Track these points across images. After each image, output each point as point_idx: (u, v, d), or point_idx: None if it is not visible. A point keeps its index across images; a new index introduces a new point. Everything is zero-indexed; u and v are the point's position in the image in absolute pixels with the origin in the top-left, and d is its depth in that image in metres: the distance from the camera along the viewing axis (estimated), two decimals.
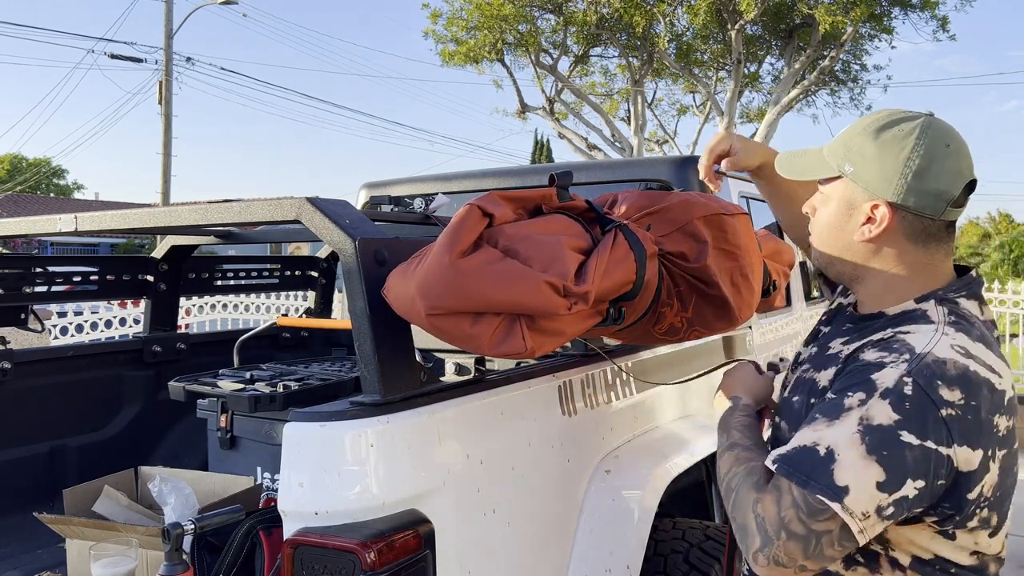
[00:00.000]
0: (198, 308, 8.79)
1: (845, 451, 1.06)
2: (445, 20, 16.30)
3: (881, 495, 1.05)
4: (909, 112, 1.22)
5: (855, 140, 1.21)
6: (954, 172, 1.17)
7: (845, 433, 1.07)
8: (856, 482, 1.05)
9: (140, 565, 1.72)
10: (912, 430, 1.05)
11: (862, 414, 1.07)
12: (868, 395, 1.08)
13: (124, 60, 20.23)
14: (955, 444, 1.05)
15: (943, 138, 1.18)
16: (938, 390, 1.06)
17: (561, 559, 1.69)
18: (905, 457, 1.05)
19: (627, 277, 1.43)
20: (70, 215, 1.94)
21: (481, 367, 1.58)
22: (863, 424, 1.07)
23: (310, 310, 3.58)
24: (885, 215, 1.18)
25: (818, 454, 1.08)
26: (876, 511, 1.05)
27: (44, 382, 2.62)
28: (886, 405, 1.06)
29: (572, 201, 1.50)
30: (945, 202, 1.17)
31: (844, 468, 1.06)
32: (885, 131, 1.19)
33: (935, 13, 14.87)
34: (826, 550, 1.07)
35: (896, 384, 1.07)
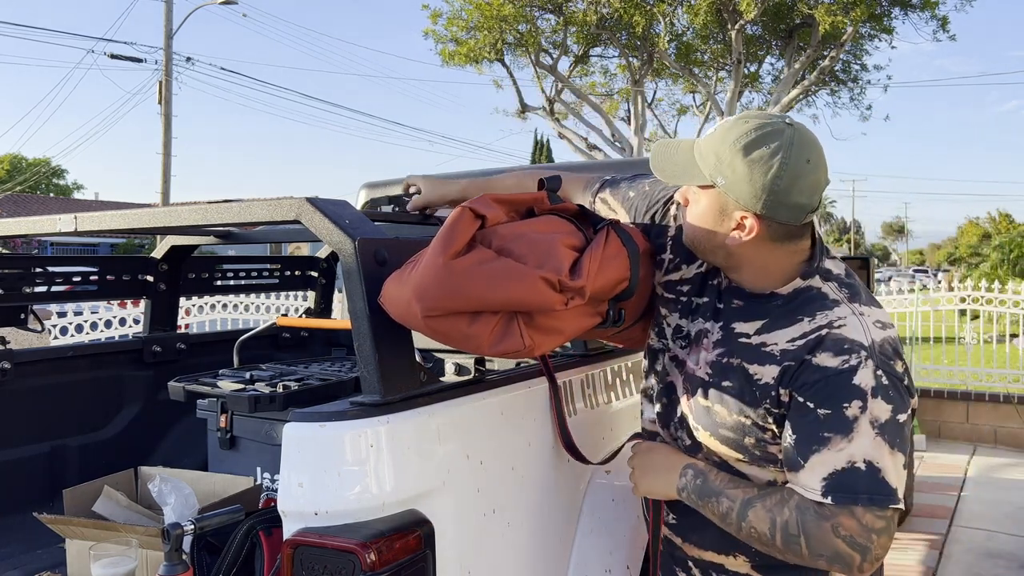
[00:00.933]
0: (198, 308, 8.79)
1: (879, 458, 1.24)
2: (445, 20, 16.31)
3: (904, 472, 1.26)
4: (773, 122, 1.31)
5: (725, 154, 1.31)
6: (814, 185, 1.31)
7: (869, 443, 1.24)
8: (898, 476, 1.25)
9: (140, 565, 1.72)
10: (902, 409, 1.27)
11: (870, 419, 1.25)
12: (864, 400, 1.25)
13: (124, 60, 20.24)
14: (912, 396, 1.30)
15: (804, 154, 1.29)
16: (895, 368, 1.28)
17: (561, 559, 1.69)
18: (905, 431, 1.27)
19: (621, 274, 1.43)
20: (70, 215, 1.94)
21: (481, 367, 1.58)
22: (876, 427, 1.24)
23: (310, 310, 3.58)
24: (754, 226, 1.32)
25: (861, 471, 1.24)
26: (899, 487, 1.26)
27: (44, 382, 2.62)
28: (879, 402, 1.25)
29: (563, 203, 1.50)
30: (806, 212, 1.31)
31: (890, 472, 1.24)
32: (753, 149, 1.29)
33: (935, 13, 14.87)
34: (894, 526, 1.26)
35: (876, 381, 1.26)
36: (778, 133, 1.29)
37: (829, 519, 1.24)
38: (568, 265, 1.32)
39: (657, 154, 1.42)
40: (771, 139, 1.29)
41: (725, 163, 1.32)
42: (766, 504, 1.32)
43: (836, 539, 1.24)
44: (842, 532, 1.23)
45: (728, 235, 1.34)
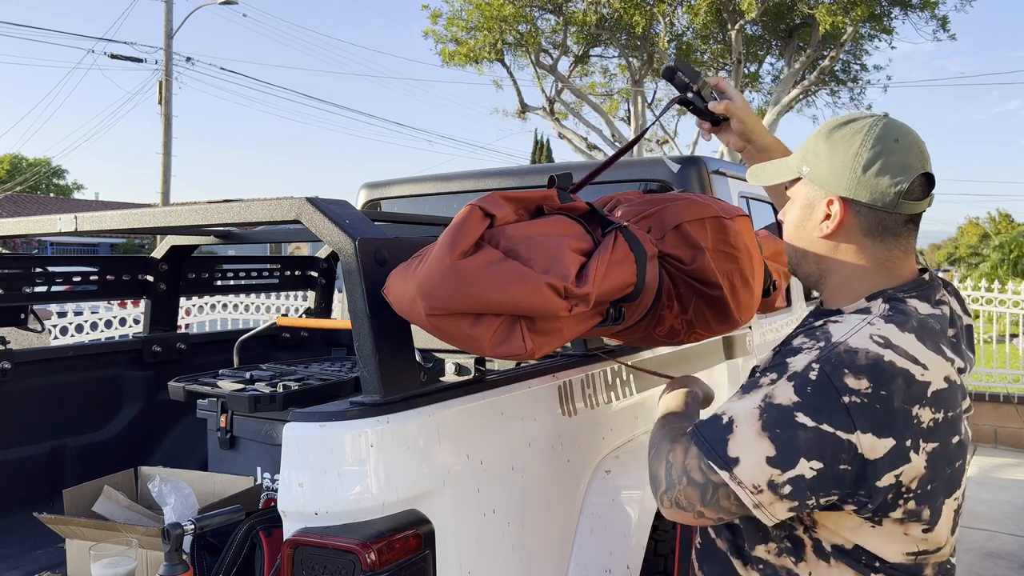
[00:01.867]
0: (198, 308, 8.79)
1: (743, 425, 1.13)
2: (445, 20, 16.30)
3: (773, 470, 1.10)
4: (865, 114, 1.27)
5: (811, 142, 1.27)
6: (902, 165, 1.20)
7: (748, 408, 1.14)
8: (746, 455, 1.11)
9: (140, 565, 1.72)
10: (808, 413, 1.09)
11: (767, 392, 1.13)
12: (778, 376, 1.14)
13: (124, 60, 20.22)
14: (857, 431, 1.08)
15: (892, 134, 1.21)
16: (843, 378, 1.09)
17: (561, 559, 1.69)
18: (798, 437, 1.09)
19: (628, 279, 1.43)
20: (70, 215, 1.94)
21: (481, 367, 1.58)
22: (765, 401, 1.13)
23: (310, 310, 3.58)
24: (839, 210, 1.22)
25: (721, 422, 1.16)
26: (769, 486, 1.10)
27: (44, 382, 2.62)
28: (789, 387, 1.12)
29: (573, 202, 1.50)
30: (897, 194, 1.19)
31: (738, 441, 1.12)
32: (837, 131, 1.24)
33: (935, 13, 14.86)
34: (722, 501, 1.15)
35: (804, 369, 1.12)
36: (867, 118, 1.24)
37: (672, 444, 1.23)
38: (574, 271, 1.31)
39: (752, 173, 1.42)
40: (858, 120, 1.24)
41: (810, 151, 1.27)
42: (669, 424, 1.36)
43: (663, 461, 1.23)
44: (669, 458, 1.22)
45: (816, 227, 1.26)
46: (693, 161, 2.74)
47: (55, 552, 2.16)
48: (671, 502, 1.20)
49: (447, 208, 3.19)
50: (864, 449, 1.08)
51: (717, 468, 1.13)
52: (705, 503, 1.16)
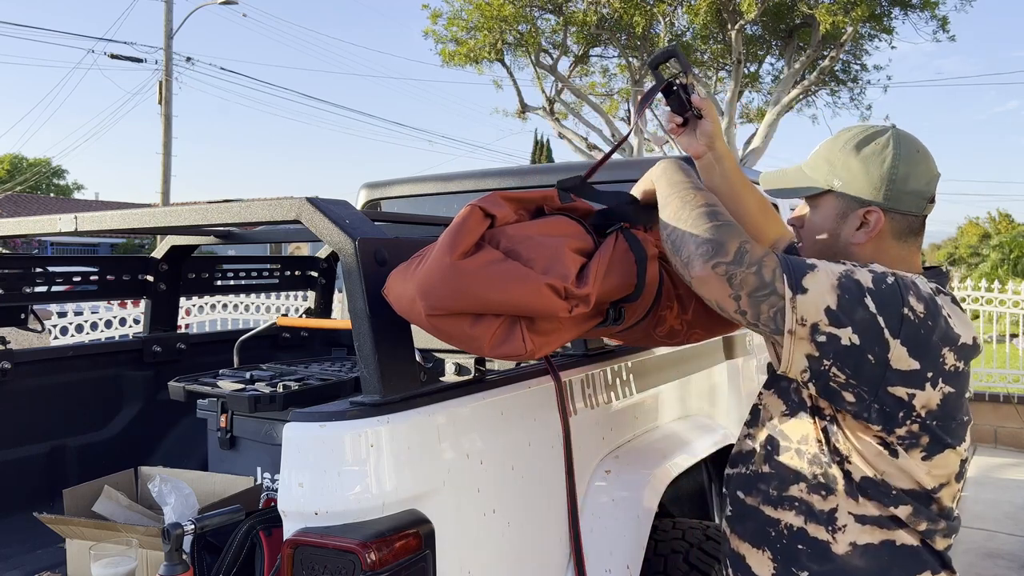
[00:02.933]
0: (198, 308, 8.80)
1: (823, 273, 1.27)
2: (445, 20, 16.30)
3: (824, 317, 1.24)
4: (875, 126, 1.41)
5: (837, 157, 1.40)
6: (929, 173, 1.37)
7: (832, 267, 1.28)
8: (813, 293, 1.25)
9: (140, 565, 1.72)
10: (874, 300, 1.24)
11: (848, 268, 1.28)
12: (860, 266, 1.30)
13: (124, 60, 20.22)
14: (899, 338, 1.24)
15: (912, 145, 1.38)
16: (909, 295, 1.26)
17: (561, 559, 1.69)
18: (857, 310, 1.24)
19: (628, 280, 1.43)
20: (70, 215, 1.94)
21: (481, 367, 1.58)
22: (847, 272, 1.27)
23: (310, 310, 3.58)
24: (879, 219, 1.36)
25: (806, 262, 1.29)
26: (812, 328, 1.25)
27: (44, 382, 2.62)
28: (869, 276, 1.27)
29: (573, 203, 1.50)
30: (926, 200, 1.37)
31: (814, 280, 1.26)
32: (864, 146, 1.38)
33: (935, 13, 14.86)
34: (763, 305, 1.27)
35: (882, 273, 1.28)
36: (883, 130, 1.38)
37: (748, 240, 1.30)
38: (575, 271, 1.31)
39: (767, 181, 1.51)
40: (878, 135, 1.38)
41: (839, 165, 1.38)
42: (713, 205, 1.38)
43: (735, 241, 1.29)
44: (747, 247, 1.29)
45: (852, 235, 1.38)
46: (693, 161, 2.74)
47: (55, 552, 2.16)
48: (723, 274, 1.28)
49: (447, 208, 3.19)
50: (893, 356, 1.24)
51: (787, 284, 1.26)
52: (752, 296, 1.27)
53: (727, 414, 2.60)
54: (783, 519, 1.43)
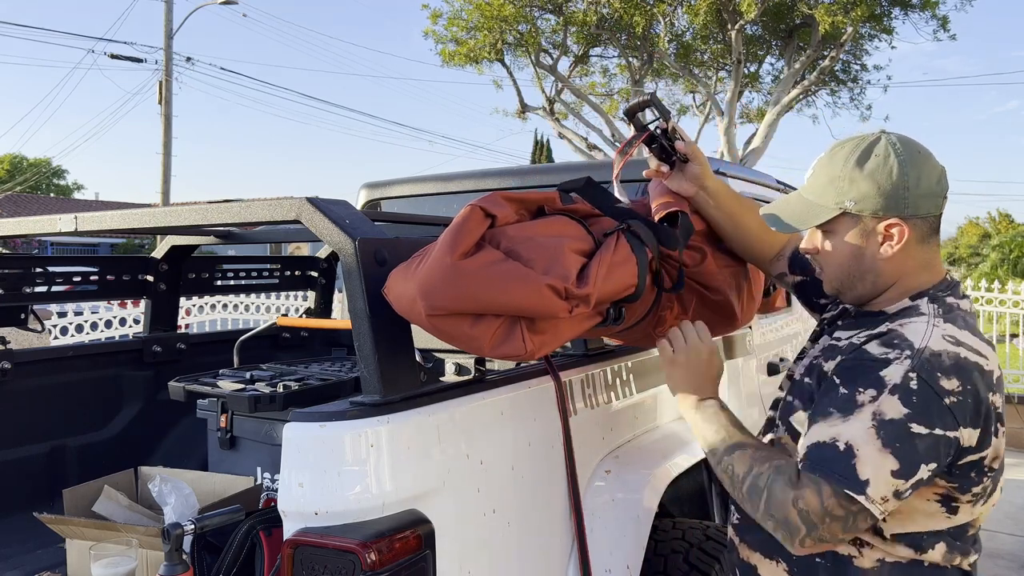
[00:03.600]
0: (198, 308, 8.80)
1: (864, 447, 1.19)
2: (445, 20, 16.29)
3: (898, 481, 1.18)
4: (865, 137, 1.36)
5: (841, 177, 1.34)
6: (936, 170, 1.34)
7: (861, 428, 1.20)
8: (875, 474, 1.18)
9: (140, 565, 1.72)
10: (921, 422, 1.18)
11: (875, 410, 1.20)
12: (879, 392, 1.21)
13: (124, 60, 20.22)
14: (960, 427, 1.19)
15: (911, 146, 1.34)
16: (939, 382, 1.19)
17: (561, 559, 1.69)
18: (916, 446, 1.18)
19: (628, 281, 1.43)
20: (70, 215, 1.94)
21: (481, 367, 1.58)
22: (876, 419, 1.19)
23: (310, 310, 3.58)
24: (903, 229, 1.32)
25: (839, 450, 1.21)
26: (894, 495, 1.19)
27: (44, 382, 2.61)
28: (896, 401, 1.19)
29: (574, 203, 1.50)
30: (941, 197, 1.34)
31: (864, 463, 1.18)
32: (865, 161, 1.33)
33: (935, 13, 14.85)
34: (860, 524, 1.22)
35: (903, 380, 1.20)
36: (876, 139, 1.34)
37: (796, 488, 1.23)
38: (575, 272, 1.31)
39: (769, 217, 1.43)
40: (874, 145, 1.33)
41: (846, 185, 1.33)
42: (754, 454, 1.35)
43: (792, 508, 1.23)
44: (800, 505, 1.22)
45: (879, 251, 1.34)
46: None
47: (55, 552, 2.16)
48: (815, 541, 1.23)
49: (447, 208, 3.19)
50: (964, 440, 1.20)
51: (856, 495, 1.18)
52: (846, 530, 1.22)
53: None
54: None
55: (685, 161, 1.62)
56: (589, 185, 1.50)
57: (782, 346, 3.19)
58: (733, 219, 1.67)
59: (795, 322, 3.45)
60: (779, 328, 3.23)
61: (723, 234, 1.70)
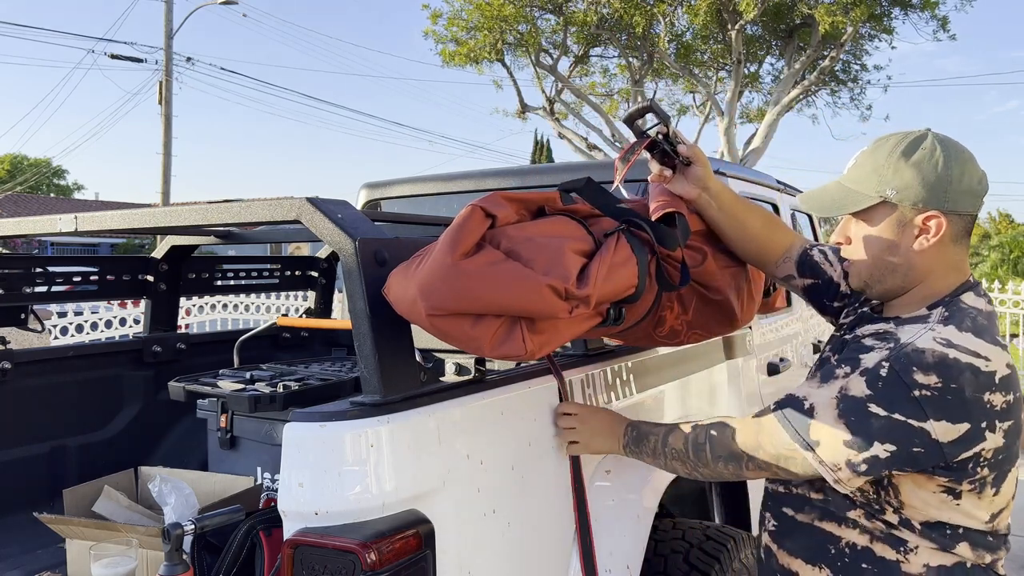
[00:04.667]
0: (198, 308, 8.80)
1: (823, 411, 1.31)
2: (445, 20, 16.30)
3: (850, 451, 1.28)
4: (912, 132, 1.37)
5: (885, 166, 1.35)
6: (978, 171, 1.35)
7: (826, 397, 1.32)
8: (827, 440, 1.30)
9: (140, 565, 1.72)
10: (881, 405, 1.26)
11: (842, 384, 1.31)
12: (852, 370, 1.31)
13: (124, 60, 20.23)
14: (929, 419, 1.24)
15: (956, 145, 1.35)
16: (912, 375, 1.25)
17: (561, 559, 1.69)
18: (871, 424, 1.26)
19: (629, 281, 1.43)
20: (70, 215, 1.94)
21: (481, 367, 1.58)
22: (841, 392, 1.30)
23: (310, 310, 3.58)
24: (941, 223, 1.33)
25: (803, 406, 1.34)
26: (847, 464, 1.29)
27: (44, 382, 2.61)
28: (862, 381, 1.28)
29: (575, 204, 1.49)
30: (980, 197, 1.35)
31: (818, 427, 1.31)
32: (912, 152, 1.34)
33: (935, 13, 14.86)
34: (794, 468, 1.36)
35: (875, 366, 1.28)
36: (923, 135, 1.35)
37: (732, 426, 1.42)
38: (575, 272, 1.31)
39: (805, 200, 1.46)
40: (921, 140, 1.34)
41: (889, 174, 1.34)
42: (682, 427, 1.52)
43: (733, 442, 1.41)
44: (738, 438, 1.40)
45: (913, 244, 1.35)
46: None
47: (55, 552, 2.16)
48: (755, 468, 1.40)
49: (447, 208, 3.19)
50: (938, 434, 1.24)
51: (802, 449, 1.32)
52: (780, 467, 1.37)
53: (727, 414, 2.60)
54: (845, 537, 1.41)
55: (687, 164, 1.62)
56: (589, 185, 1.50)
57: (782, 346, 3.19)
58: (736, 220, 1.66)
59: (795, 322, 3.45)
60: (779, 328, 3.23)
61: (726, 236, 1.69)
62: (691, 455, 1.48)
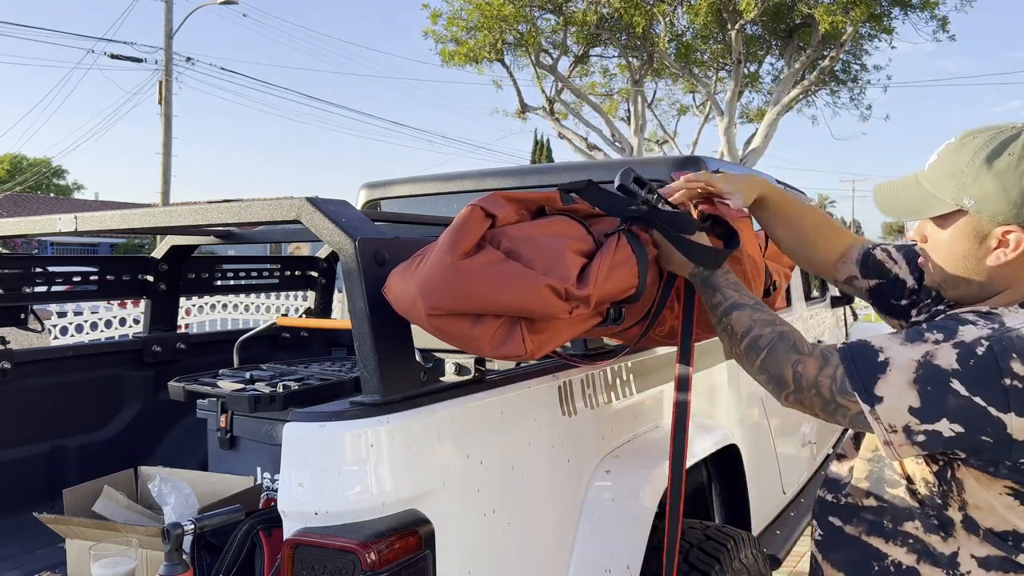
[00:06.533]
0: (198, 308, 8.80)
1: (897, 371, 1.18)
2: (445, 20, 16.31)
3: (911, 418, 1.16)
4: (1004, 129, 1.25)
5: (965, 172, 1.24)
6: None
7: (907, 357, 1.18)
8: (892, 399, 1.18)
9: (140, 565, 1.72)
10: (964, 383, 1.14)
11: (929, 349, 1.18)
12: (944, 339, 1.18)
13: (124, 60, 20.24)
14: (1012, 412, 1.12)
15: None
16: (1009, 361, 1.13)
17: (561, 559, 1.69)
18: (946, 399, 1.15)
19: (629, 281, 1.42)
20: (70, 215, 1.94)
21: (481, 367, 1.58)
22: (924, 358, 1.17)
23: (310, 310, 3.58)
24: (1021, 239, 1.22)
25: (876, 358, 1.21)
26: (904, 430, 1.18)
27: (44, 382, 2.61)
28: (953, 354, 1.16)
29: (575, 204, 1.49)
30: None
31: (887, 384, 1.18)
32: (996, 158, 1.22)
33: (935, 13, 14.88)
34: (838, 417, 1.24)
35: (972, 342, 1.16)
36: (1013, 137, 1.24)
37: (799, 353, 1.27)
38: (575, 272, 1.31)
39: (880, 197, 1.37)
40: (1011, 142, 1.23)
41: (969, 182, 1.24)
42: (754, 316, 1.37)
43: (788, 368, 1.27)
44: (798, 368, 1.26)
45: (989, 257, 1.25)
46: (693, 161, 2.74)
47: (55, 552, 2.16)
48: (795, 402, 1.28)
49: (447, 208, 3.19)
50: (1014, 430, 1.13)
51: (861, 400, 1.20)
52: (826, 413, 1.25)
53: (727, 414, 2.60)
54: (892, 555, 1.34)
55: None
56: (590, 186, 1.50)
57: None
58: (790, 223, 1.62)
59: (795, 322, 3.45)
60: None
61: (779, 239, 1.66)
62: (742, 346, 1.35)
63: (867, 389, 1.19)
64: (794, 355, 1.28)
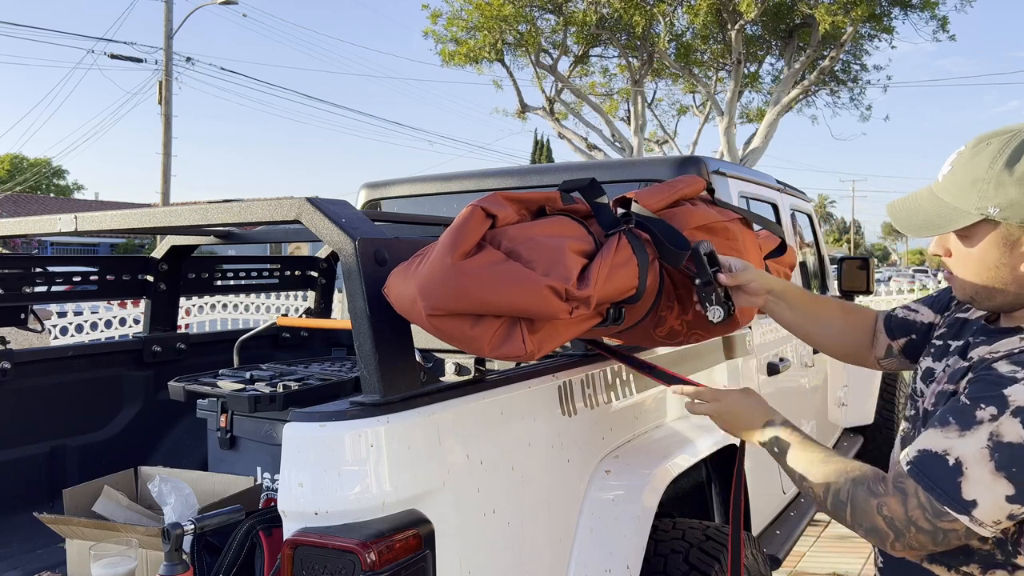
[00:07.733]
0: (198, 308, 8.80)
1: (974, 466, 1.12)
2: (445, 20, 16.32)
3: (1012, 506, 1.11)
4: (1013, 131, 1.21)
5: (986, 179, 1.20)
6: None
7: (975, 447, 1.12)
8: (985, 497, 1.11)
9: (140, 565, 1.72)
10: None
11: (992, 430, 1.12)
12: (1000, 411, 1.12)
13: (124, 60, 20.24)
14: None
15: None
16: None
17: (561, 559, 1.69)
18: None
19: (629, 282, 1.42)
20: (70, 215, 1.94)
21: (481, 367, 1.58)
22: (992, 440, 1.11)
23: (310, 310, 3.58)
24: None
25: (947, 464, 1.14)
26: (1009, 518, 1.12)
27: (44, 382, 2.62)
28: (1017, 424, 1.10)
29: (575, 204, 1.49)
30: None
31: (972, 483, 1.12)
32: (1016, 162, 1.18)
33: (935, 13, 14.89)
34: (953, 541, 1.16)
35: None
36: None
37: (877, 497, 1.21)
38: (576, 273, 1.31)
39: (897, 215, 1.32)
40: None
41: (991, 189, 1.19)
42: (825, 471, 1.31)
43: (877, 516, 1.21)
44: (884, 512, 1.19)
45: (1022, 264, 1.20)
46: (693, 161, 2.74)
47: (55, 552, 2.16)
48: (904, 547, 1.21)
49: (447, 208, 3.19)
50: None
51: (955, 513, 1.13)
52: (937, 544, 1.18)
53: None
54: None
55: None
56: (592, 186, 1.50)
57: (782, 346, 3.19)
58: (808, 315, 1.62)
59: None
60: (779, 328, 3.22)
61: (809, 335, 1.65)
62: (829, 506, 1.30)
63: (956, 500, 1.13)
64: (874, 500, 1.22)
